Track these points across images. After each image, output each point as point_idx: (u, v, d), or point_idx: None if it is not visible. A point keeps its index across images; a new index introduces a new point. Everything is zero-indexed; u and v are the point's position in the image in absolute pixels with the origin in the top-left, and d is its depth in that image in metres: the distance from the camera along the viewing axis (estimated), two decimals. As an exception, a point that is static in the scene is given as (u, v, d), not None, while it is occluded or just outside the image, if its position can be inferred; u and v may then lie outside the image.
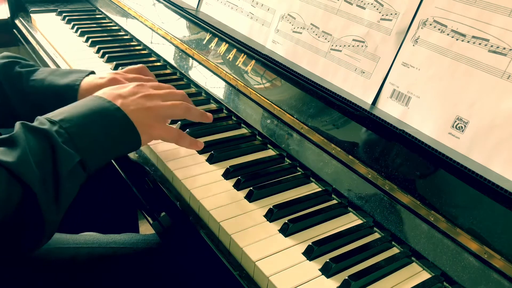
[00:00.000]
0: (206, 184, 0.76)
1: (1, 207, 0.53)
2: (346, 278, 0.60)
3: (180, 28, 1.20)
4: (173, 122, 0.92)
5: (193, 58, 1.13)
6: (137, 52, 1.27)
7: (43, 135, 0.59)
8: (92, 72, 0.85)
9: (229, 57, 1.03)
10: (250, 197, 0.74)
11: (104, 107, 0.66)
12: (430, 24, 0.72)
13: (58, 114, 0.63)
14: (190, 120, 0.80)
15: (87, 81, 0.81)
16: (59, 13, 1.46)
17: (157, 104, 0.71)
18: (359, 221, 0.73)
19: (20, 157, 0.55)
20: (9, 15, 1.52)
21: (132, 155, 0.88)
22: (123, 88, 0.72)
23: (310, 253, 0.64)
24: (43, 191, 0.56)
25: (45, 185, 0.56)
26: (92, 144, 0.63)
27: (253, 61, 0.98)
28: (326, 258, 0.63)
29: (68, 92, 0.79)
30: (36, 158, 0.56)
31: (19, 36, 1.49)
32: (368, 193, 0.73)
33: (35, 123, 0.61)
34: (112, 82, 0.81)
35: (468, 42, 0.67)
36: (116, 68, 1.15)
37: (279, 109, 0.89)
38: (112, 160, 0.94)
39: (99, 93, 0.70)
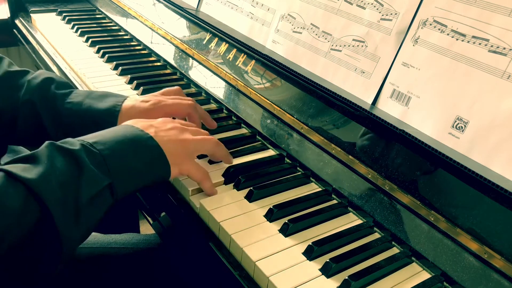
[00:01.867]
0: (206, 184, 0.76)
1: (15, 225, 0.52)
2: (346, 278, 0.60)
3: (180, 28, 1.20)
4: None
5: (193, 58, 1.13)
6: (137, 52, 1.27)
7: (71, 156, 0.58)
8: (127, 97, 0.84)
9: (229, 57, 1.03)
10: (250, 197, 0.74)
11: (138, 135, 0.66)
12: (430, 24, 0.72)
13: (90, 137, 0.63)
14: (216, 158, 0.80)
15: (128, 104, 0.80)
16: (59, 13, 1.46)
17: (188, 138, 0.71)
18: (359, 221, 0.73)
19: (41, 175, 0.54)
20: (9, 15, 1.52)
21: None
22: (154, 120, 0.72)
23: (310, 253, 0.64)
24: (62, 212, 0.54)
25: (65, 207, 0.55)
26: (124, 169, 0.62)
27: (253, 61, 0.98)
28: (326, 258, 0.63)
29: (108, 117, 0.78)
30: (60, 179, 0.55)
31: (19, 36, 1.49)
32: (368, 193, 0.73)
33: (64, 144, 0.59)
34: (158, 106, 0.80)
35: (468, 42, 0.67)
36: (116, 68, 1.15)
37: (279, 109, 0.89)
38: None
39: (130, 122, 0.70)
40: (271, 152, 0.89)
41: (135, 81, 1.07)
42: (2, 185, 0.52)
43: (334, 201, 0.77)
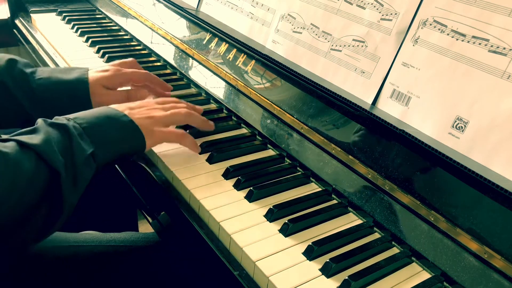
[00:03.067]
0: (206, 184, 0.76)
1: (30, 186, 0.59)
2: (346, 278, 0.60)
3: (180, 28, 1.20)
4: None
5: (193, 58, 1.13)
6: (137, 52, 1.27)
7: (62, 128, 0.66)
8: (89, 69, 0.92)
9: (229, 57, 1.03)
10: (250, 197, 0.74)
11: (113, 113, 0.75)
12: (430, 24, 0.72)
13: (72, 115, 0.71)
14: (193, 125, 0.86)
15: (93, 74, 0.88)
16: (59, 13, 1.46)
17: (159, 114, 0.80)
18: (359, 221, 0.73)
19: (44, 142, 0.62)
20: (9, 15, 1.52)
21: (132, 155, 0.88)
22: (132, 104, 0.81)
23: (310, 253, 0.64)
24: (65, 175, 0.62)
25: (66, 169, 0.63)
26: (102, 139, 0.70)
27: (253, 61, 0.98)
28: (326, 258, 0.63)
29: (79, 84, 0.86)
30: (58, 146, 0.63)
31: (19, 36, 1.49)
32: (368, 193, 0.73)
33: (54, 120, 0.68)
34: (117, 74, 0.90)
35: (468, 42, 0.67)
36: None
37: (279, 109, 0.89)
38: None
39: (111, 106, 0.79)
40: (271, 152, 0.89)
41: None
42: (16, 152, 0.60)
43: (334, 201, 0.77)
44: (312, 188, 0.80)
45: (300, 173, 0.82)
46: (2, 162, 0.57)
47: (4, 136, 0.64)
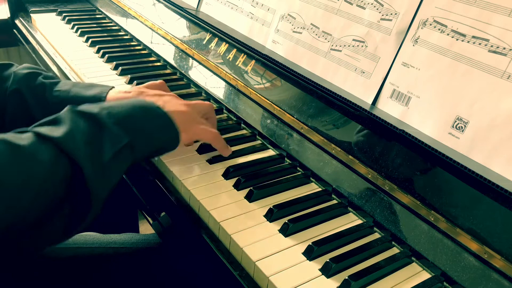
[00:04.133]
0: (206, 184, 0.76)
1: (49, 179, 0.54)
2: (346, 278, 0.60)
3: (180, 28, 1.20)
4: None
5: (193, 58, 1.13)
6: (137, 52, 1.27)
7: (91, 118, 0.61)
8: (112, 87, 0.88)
9: (229, 57, 1.03)
10: (250, 197, 0.74)
11: (148, 104, 0.71)
12: (430, 24, 0.72)
13: (106, 104, 0.67)
14: (215, 146, 0.82)
15: (113, 94, 0.84)
16: (59, 13, 1.46)
17: (192, 109, 0.78)
18: (359, 221, 0.73)
19: (66, 133, 0.57)
20: (9, 15, 1.52)
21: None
22: (162, 95, 0.79)
23: (310, 253, 0.64)
24: (92, 168, 0.57)
25: (93, 162, 0.58)
26: (139, 130, 0.66)
27: (253, 61, 0.98)
28: (326, 258, 0.63)
29: (95, 101, 0.81)
30: (84, 137, 0.58)
31: (19, 36, 1.49)
32: (368, 193, 0.73)
33: (82, 108, 0.63)
34: (138, 95, 0.84)
35: (468, 42, 0.67)
36: (116, 68, 1.15)
37: (279, 109, 0.89)
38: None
39: (140, 97, 0.78)
40: (271, 152, 0.89)
41: (135, 81, 1.07)
42: (32, 143, 0.55)
43: (334, 201, 0.77)
44: (312, 188, 0.80)
45: (300, 173, 0.82)
46: (15, 156, 0.52)
47: (24, 129, 0.59)
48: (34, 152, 0.54)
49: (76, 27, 1.36)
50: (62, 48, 1.24)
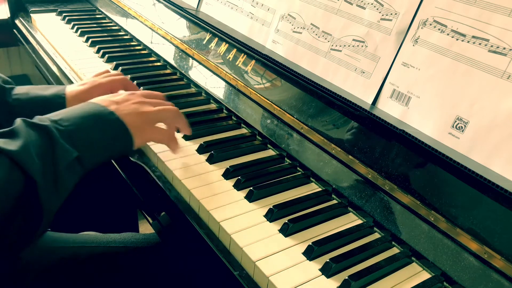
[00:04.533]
0: (206, 184, 0.76)
1: (2, 194, 0.55)
2: (346, 278, 0.60)
3: (180, 28, 1.20)
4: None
5: (193, 58, 1.13)
6: (137, 52, 1.27)
7: (43, 130, 0.62)
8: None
9: (229, 57, 1.03)
10: (250, 197, 0.74)
11: (99, 111, 0.71)
12: (430, 24, 0.72)
13: (56, 114, 0.67)
14: (177, 126, 0.83)
15: (71, 89, 0.86)
16: (59, 13, 1.46)
17: (148, 109, 0.76)
18: (359, 221, 0.73)
19: (21, 147, 0.58)
20: (9, 15, 1.52)
21: (131, 153, 0.88)
22: (117, 96, 0.77)
23: (310, 253, 0.64)
24: (44, 181, 0.58)
25: (45, 176, 0.59)
26: (88, 142, 0.66)
27: (253, 61, 0.98)
28: (326, 258, 0.63)
29: (56, 100, 0.83)
30: (37, 150, 0.59)
31: (19, 36, 1.49)
32: (368, 193, 0.73)
33: (35, 120, 0.64)
34: (94, 86, 0.87)
35: (468, 42, 0.67)
36: (116, 68, 1.15)
37: (279, 109, 0.89)
38: (113, 161, 0.94)
39: (94, 100, 0.75)
40: (271, 152, 0.89)
41: (135, 81, 1.07)
42: None
43: (334, 201, 0.77)
44: (312, 188, 0.80)
45: (300, 173, 0.82)
46: None
47: None
48: None
49: (76, 27, 1.36)
50: (62, 48, 1.24)
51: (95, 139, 0.67)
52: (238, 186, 0.76)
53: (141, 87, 1.04)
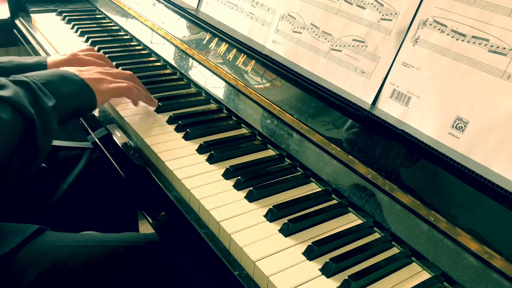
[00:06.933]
0: (206, 184, 0.76)
1: (9, 135, 0.65)
2: (346, 278, 0.60)
3: (180, 28, 1.20)
4: (177, 120, 0.92)
5: (193, 58, 1.13)
6: (137, 52, 1.27)
7: (25, 84, 0.72)
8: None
9: (229, 57, 1.03)
10: (250, 197, 0.74)
11: (65, 72, 0.83)
12: (430, 24, 0.72)
13: (28, 74, 0.77)
14: (132, 99, 0.94)
15: (52, 58, 0.98)
16: (59, 13, 1.46)
17: (107, 77, 0.88)
18: (359, 221, 0.73)
19: (16, 94, 0.68)
20: (9, 15, 1.52)
21: (132, 153, 0.88)
22: (81, 68, 0.89)
23: (310, 253, 0.64)
24: (40, 124, 0.69)
25: (39, 119, 0.69)
26: (58, 94, 0.77)
27: (253, 61, 0.98)
28: (326, 258, 0.63)
29: (38, 67, 0.95)
30: (27, 99, 0.70)
31: (19, 36, 1.49)
32: (368, 193, 0.73)
33: (14, 77, 0.74)
34: (74, 57, 0.99)
35: (468, 42, 0.67)
36: (116, 68, 1.15)
37: (279, 109, 0.89)
38: (112, 160, 0.94)
39: (63, 68, 0.87)
40: (271, 152, 0.89)
41: None
42: None
43: (334, 201, 0.77)
44: (312, 188, 0.80)
45: (300, 173, 0.82)
46: None
47: None
48: None
49: (76, 27, 1.36)
50: (62, 48, 1.24)
51: (62, 92, 0.78)
52: (238, 186, 0.76)
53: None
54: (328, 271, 0.61)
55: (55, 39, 1.30)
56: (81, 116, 0.99)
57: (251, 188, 0.74)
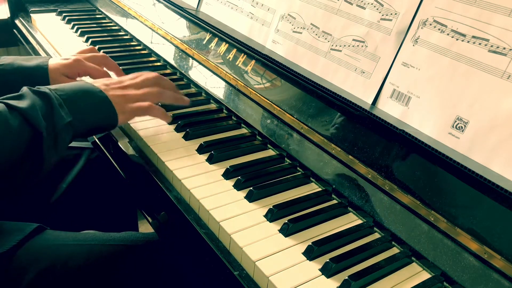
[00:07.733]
0: (206, 184, 0.76)
1: (16, 143, 0.67)
2: (346, 278, 0.60)
3: (180, 28, 1.20)
4: (177, 120, 0.93)
5: (193, 58, 1.13)
6: (137, 52, 1.27)
7: (45, 96, 0.73)
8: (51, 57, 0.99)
9: (229, 57, 1.03)
10: (250, 197, 0.74)
11: (90, 88, 0.82)
12: (430, 24, 0.72)
13: (53, 86, 0.77)
14: (166, 102, 0.92)
15: (54, 61, 0.95)
16: (59, 13, 1.46)
17: (132, 92, 0.86)
18: (359, 221, 0.73)
19: (30, 106, 0.70)
20: (9, 15, 1.52)
21: (132, 153, 0.88)
22: (107, 80, 0.88)
23: (310, 253, 0.64)
24: (47, 136, 0.70)
25: (48, 132, 0.70)
26: (78, 111, 0.77)
27: (253, 61, 0.98)
28: (326, 258, 0.63)
29: (39, 71, 0.93)
30: (41, 111, 0.71)
31: (19, 36, 1.49)
32: (368, 193, 0.73)
33: (37, 88, 0.75)
34: (76, 61, 0.96)
35: (468, 42, 0.67)
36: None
37: (279, 109, 0.89)
38: (112, 160, 0.94)
39: (89, 81, 0.85)
40: (271, 152, 0.89)
41: None
42: (4, 111, 0.68)
43: (334, 201, 0.77)
44: (312, 188, 0.80)
45: (300, 173, 0.82)
46: None
47: None
48: (8, 118, 0.67)
49: (76, 27, 1.36)
50: (62, 48, 1.24)
51: (84, 109, 0.78)
52: (238, 186, 0.76)
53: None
54: (328, 271, 0.61)
55: (55, 39, 1.30)
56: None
57: (251, 188, 0.74)
